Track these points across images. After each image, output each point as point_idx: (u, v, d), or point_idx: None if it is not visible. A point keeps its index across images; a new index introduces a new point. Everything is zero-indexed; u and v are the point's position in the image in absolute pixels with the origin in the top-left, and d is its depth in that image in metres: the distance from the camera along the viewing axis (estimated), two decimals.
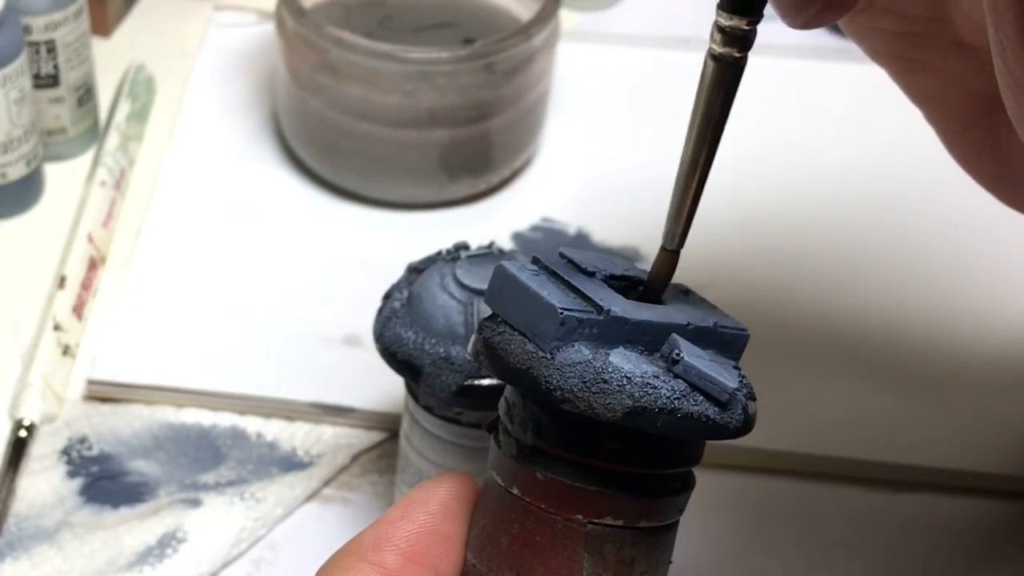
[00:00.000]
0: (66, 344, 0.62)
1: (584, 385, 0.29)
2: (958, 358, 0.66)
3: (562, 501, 0.31)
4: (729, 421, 0.30)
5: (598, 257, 0.33)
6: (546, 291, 0.30)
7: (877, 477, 0.61)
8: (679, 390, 0.30)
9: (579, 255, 0.33)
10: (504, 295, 0.31)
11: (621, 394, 0.29)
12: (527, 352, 0.30)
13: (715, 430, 0.30)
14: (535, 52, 0.69)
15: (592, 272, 0.32)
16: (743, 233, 0.72)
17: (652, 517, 0.31)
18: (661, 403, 0.30)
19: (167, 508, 0.57)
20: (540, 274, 0.31)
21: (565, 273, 0.32)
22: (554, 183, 0.75)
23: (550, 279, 0.31)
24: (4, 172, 0.68)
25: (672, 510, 0.32)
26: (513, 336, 0.31)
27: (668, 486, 0.32)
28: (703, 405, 0.30)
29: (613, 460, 0.31)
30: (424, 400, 0.51)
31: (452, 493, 0.33)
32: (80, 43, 0.71)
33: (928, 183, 0.76)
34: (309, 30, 0.68)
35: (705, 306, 0.33)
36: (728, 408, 0.30)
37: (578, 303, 0.30)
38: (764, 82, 0.83)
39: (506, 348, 0.31)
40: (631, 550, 0.31)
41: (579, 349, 0.30)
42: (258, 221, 0.71)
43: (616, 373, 0.30)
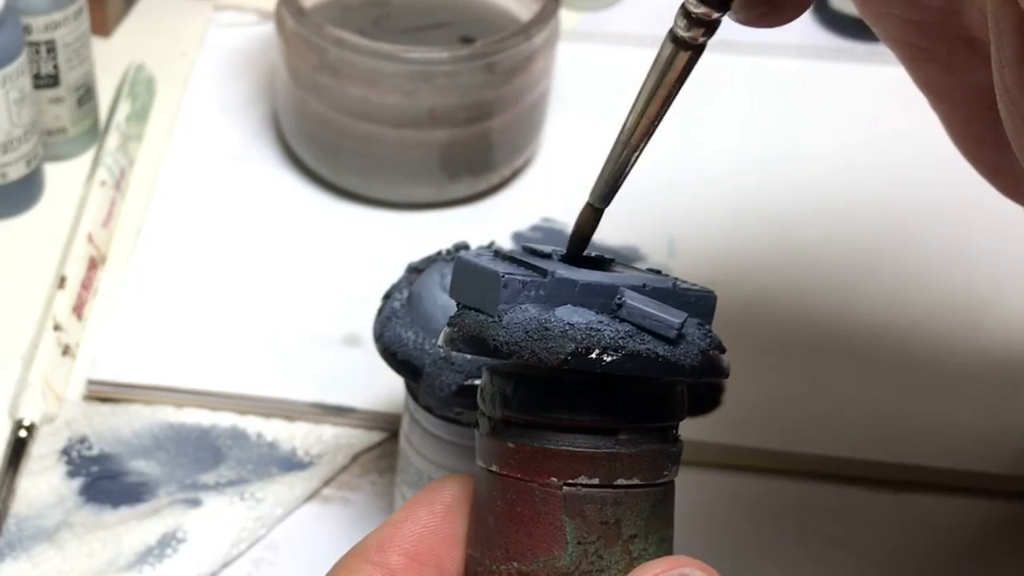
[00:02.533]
0: (66, 344, 0.62)
1: (527, 335, 0.30)
2: (959, 358, 0.66)
3: (535, 466, 0.31)
4: (682, 359, 0.30)
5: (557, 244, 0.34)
6: (493, 265, 0.32)
7: (877, 477, 0.61)
8: (624, 331, 0.30)
9: (535, 243, 0.34)
10: (461, 282, 0.33)
11: (563, 338, 0.30)
12: (478, 320, 0.31)
13: (667, 367, 0.30)
14: (535, 52, 0.69)
15: (548, 254, 0.33)
16: (743, 232, 0.72)
17: (630, 474, 0.31)
18: (605, 343, 0.30)
19: (167, 508, 0.57)
20: (495, 258, 0.33)
21: (520, 255, 0.33)
22: (554, 183, 0.75)
23: (502, 260, 0.32)
24: (4, 172, 0.68)
25: (653, 467, 0.32)
26: (469, 314, 0.32)
27: (643, 441, 0.32)
28: (651, 343, 0.30)
29: (578, 415, 0.31)
30: (424, 400, 0.51)
31: (455, 494, 0.33)
32: (80, 43, 0.71)
33: (928, 182, 0.76)
34: (309, 30, 0.68)
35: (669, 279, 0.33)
36: (678, 344, 0.30)
37: (525, 273, 0.31)
38: (764, 82, 0.83)
39: (462, 324, 0.32)
40: (614, 510, 0.31)
41: (526, 309, 0.31)
42: (258, 221, 0.71)
43: (559, 322, 0.30)
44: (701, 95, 0.81)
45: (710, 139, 0.78)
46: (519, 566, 0.31)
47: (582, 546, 0.31)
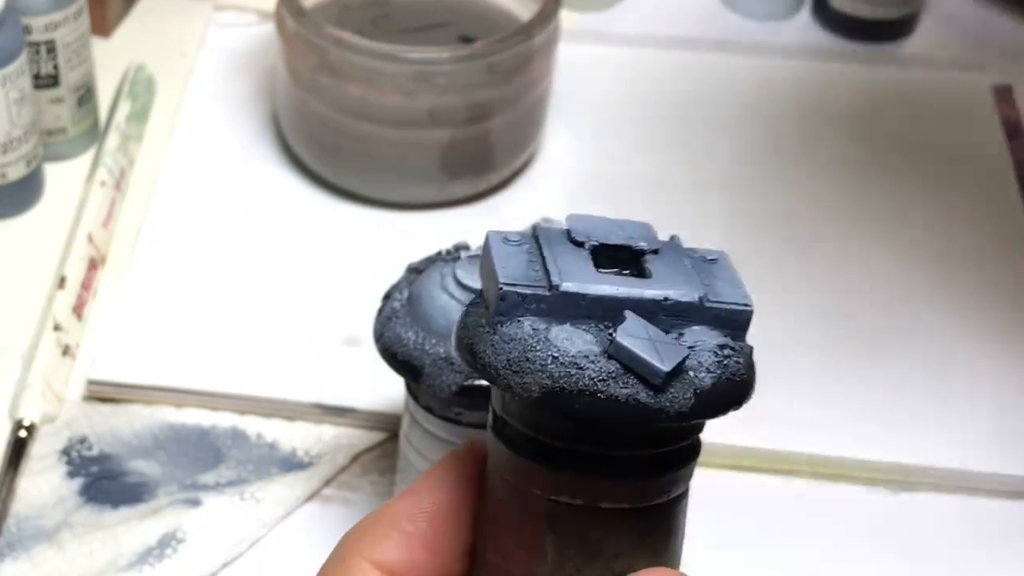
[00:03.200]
0: (66, 344, 0.62)
1: (508, 363, 0.29)
2: (959, 358, 0.66)
3: (523, 475, 0.30)
4: (667, 405, 0.28)
5: (607, 224, 0.32)
6: (504, 263, 0.30)
7: (877, 477, 0.61)
8: (608, 371, 0.28)
9: (582, 222, 0.31)
10: (482, 264, 0.31)
11: (540, 373, 0.28)
12: (477, 325, 0.30)
13: (647, 414, 0.28)
14: (535, 52, 0.69)
15: (581, 242, 0.31)
16: (743, 232, 0.72)
17: (618, 499, 0.30)
18: (582, 384, 0.28)
19: (167, 508, 0.57)
20: (521, 244, 0.31)
21: (548, 243, 0.31)
22: (554, 183, 0.75)
23: (528, 250, 0.31)
24: (4, 172, 0.68)
25: (645, 492, 0.30)
26: (479, 308, 0.31)
27: (633, 468, 0.30)
28: (633, 387, 0.28)
29: (563, 438, 0.30)
30: (424, 400, 0.51)
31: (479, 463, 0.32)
32: (80, 43, 0.71)
33: (929, 182, 0.76)
34: (309, 30, 0.68)
35: (718, 277, 0.31)
36: (664, 391, 0.28)
37: (533, 277, 0.29)
38: (764, 82, 0.83)
39: (467, 320, 0.31)
40: (597, 531, 0.30)
41: (522, 325, 0.29)
42: (258, 221, 0.71)
43: (544, 352, 0.29)
44: (702, 96, 0.82)
45: (710, 138, 0.78)
46: (504, 563, 0.31)
47: (560, 559, 0.30)
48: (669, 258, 0.31)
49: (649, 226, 0.32)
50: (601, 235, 0.31)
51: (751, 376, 0.30)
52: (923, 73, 0.84)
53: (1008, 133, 0.80)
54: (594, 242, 0.31)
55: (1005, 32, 0.88)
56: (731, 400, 0.30)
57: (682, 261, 0.31)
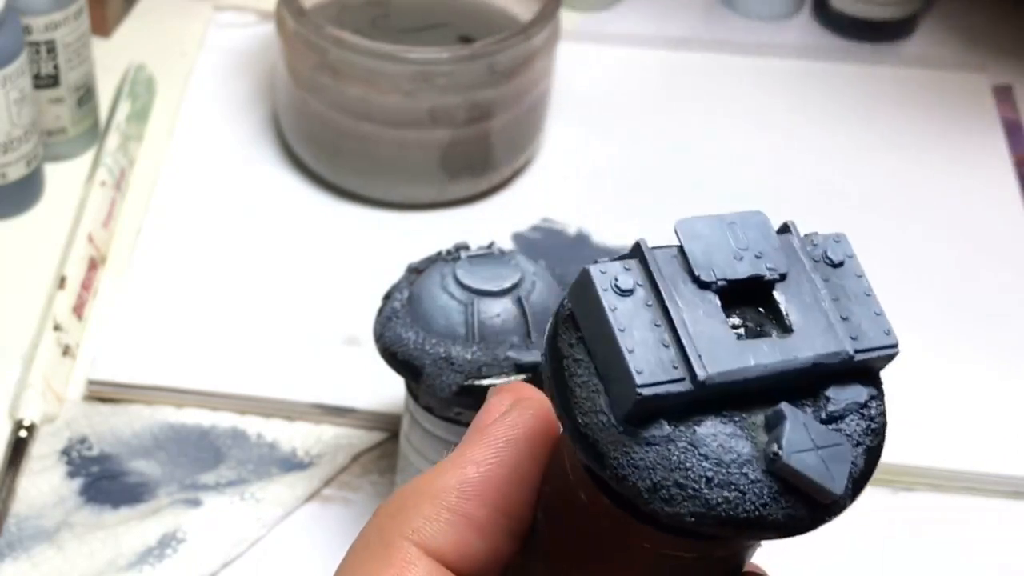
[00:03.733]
0: (66, 344, 0.62)
1: (654, 486, 0.25)
2: (958, 358, 0.66)
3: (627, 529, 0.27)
4: (827, 516, 0.26)
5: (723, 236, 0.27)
6: (630, 341, 0.25)
7: (877, 477, 0.61)
8: (769, 491, 0.25)
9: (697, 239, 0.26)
10: (587, 312, 0.26)
11: (695, 500, 0.24)
12: (597, 410, 0.25)
13: (808, 528, 0.26)
14: (535, 52, 0.69)
15: (707, 283, 0.26)
16: None
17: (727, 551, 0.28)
18: (744, 511, 0.25)
19: (167, 508, 0.57)
20: (635, 291, 0.25)
21: (668, 286, 0.26)
22: (554, 183, 0.75)
23: (645, 301, 0.25)
24: (4, 172, 0.68)
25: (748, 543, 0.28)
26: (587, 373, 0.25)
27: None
28: (796, 508, 0.25)
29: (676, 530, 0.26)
30: (424, 400, 0.51)
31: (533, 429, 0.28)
32: (80, 43, 0.71)
33: (929, 181, 0.76)
34: (309, 30, 0.68)
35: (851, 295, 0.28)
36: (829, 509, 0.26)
37: (667, 360, 0.25)
38: (764, 82, 0.83)
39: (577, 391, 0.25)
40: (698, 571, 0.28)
41: (660, 425, 0.25)
42: (258, 221, 0.71)
43: (695, 470, 0.24)
44: (702, 96, 0.82)
45: (710, 139, 0.78)
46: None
47: None
48: (799, 283, 0.27)
49: (766, 221, 0.28)
50: (725, 263, 0.26)
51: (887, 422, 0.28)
52: (923, 73, 0.84)
53: (1008, 133, 0.80)
54: (722, 282, 0.26)
55: (1005, 32, 0.88)
56: (875, 467, 0.27)
57: (814, 284, 0.27)
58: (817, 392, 0.26)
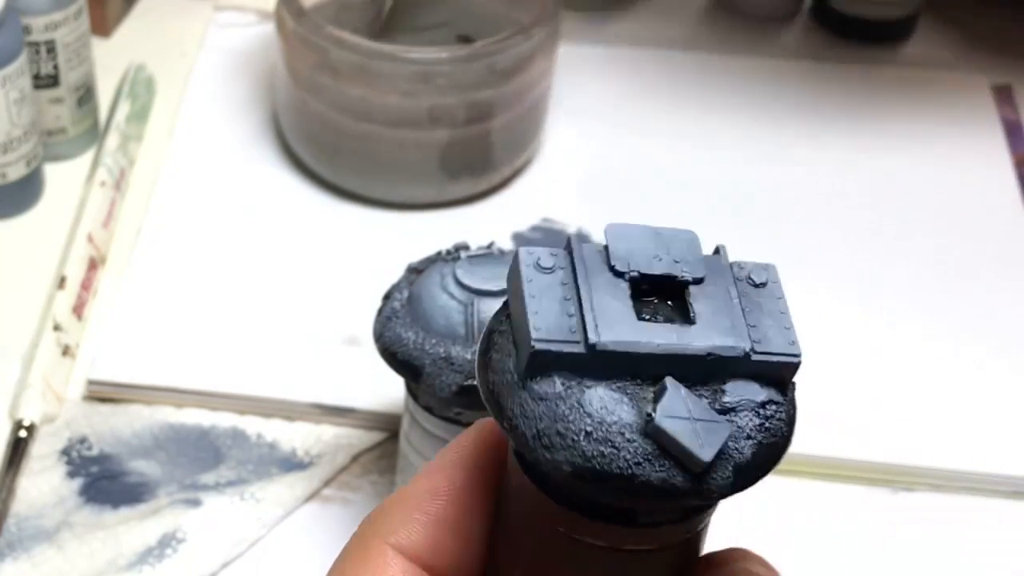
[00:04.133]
0: (66, 344, 0.62)
1: (538, 433, 0.27)
2: (959, 358, 0.66)
3: (545, 511, 0.29)
4: (705, 488, 0.27)
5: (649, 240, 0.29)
6: (536, 306, 0.27)
7: (877, 477, 0.61)
8: (643, 452, 0.26)
9: (622, 238, 0.29)
10: (512, 287, 0.28)
11: (572, 451, 0.26)
12: (505, 371, 0.28)
13: (683, 497, 0.27)
14: (535, 52, 0.69)
15: (621, 272, 0.28)
16: (743, 232, 0.72)
17: (640, 543, 0.29)
18: (616, 467, 0.26)
19: (167, 508, 0.57)
20: (554, 270, 0.28)
21: (585, 272, 0.28)
22: (554, 183, 0.75)
23: (561, 280, 0.28)
24: (4, 172, 0.68)
25: (671, 536, 0.29)
26: (507, 341, 0.28)
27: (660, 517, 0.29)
28: (670, 472, 0.26)
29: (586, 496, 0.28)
30: (424, 400, 0.51)
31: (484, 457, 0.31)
32: (80, 43, 0.71)
33: (929, 181, 0.76)
34: (309, 30, 0.68)
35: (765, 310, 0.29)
36: (704, 476, 0.27)
37: (567, 326, 0.27)
38: (764, 82, 0.83)
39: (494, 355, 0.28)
40: (619, 568, 0.29)
41: (553, 382, 0.27)
42: (258, 221, 0.71)
43: (577, 423, 0.26)
44: (702, 96, 0.82)
45: (710, 139, 0.78)
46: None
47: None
48: (715, 290, 0.29)
49: (694, 238, 0.29)
50: (643, 260, 0.28)
51: (791, 429, 0.29)
52: (923, 73, 0.84)
53: (1008, 133, 0.80)
54: (635, 273, 0.28)
55: (1005, 32, 0.88)
56: (769, 466, 0.28)
57: (728, 293, 0.29)
58: (714, 386, 0.28)
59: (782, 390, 0.29)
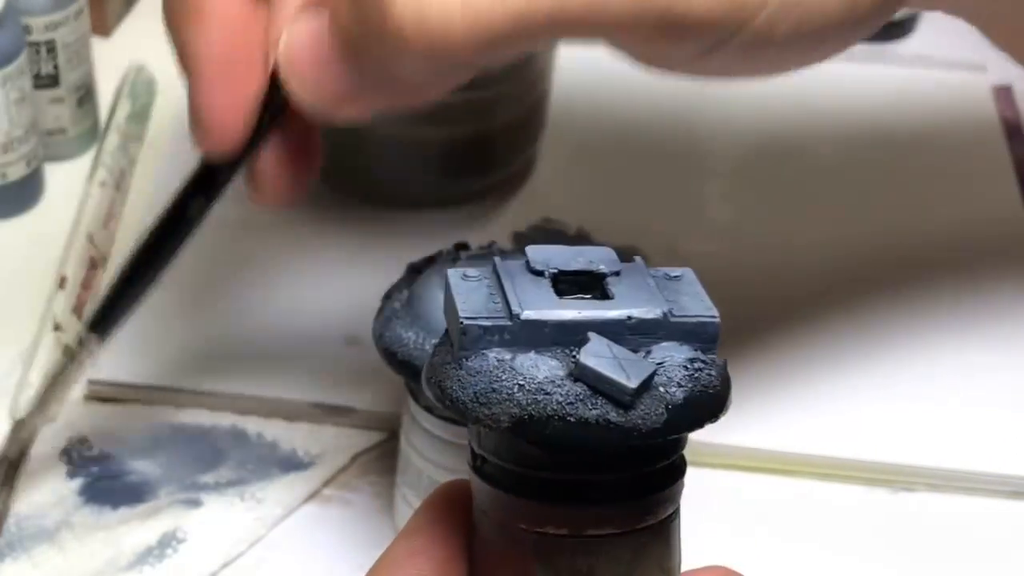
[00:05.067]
0: (66, 345, 0.62)
1: (475, 395, 0.29)
2: (959, 358, 0.66)
3: (505, 511, 0.30)
4: (639, 423, 0.28)
5: (568, 252, 0.32)
6: (464, 298, 0.30)
7: (877, 477, 0.61)
8: (575, 394, 0.28)
9: (541, 252, 0.31)
10: (445, 303, 0.31)
11: (508, 403, 0.28)
12: (444, 363, 0.30)
13: (619, 433, 0.28)
14: (535, 52, 0.69)
15: (540, 271, 0.31)
16: (742, 232, 0.72)
17: (602, 525, 0.30)
18: (550, 410, 0.28)
19: (167, 508, 0.57)
20: (480, 279, 0.30)
21: (507, 275, 0.30)
22: (554, 183, 0.75)
23: (487, 285, 0.30)
24: (4, 172, 0.68)
25: (631, 515, 0.30)
26: (445, 347, 0.30)
27: (614, 492, 0.30)
28: (603, 408, 0.28)
29: (540, 468, 0.29)
30: (424, 400, 0.51)
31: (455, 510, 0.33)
32: (80, 43, 0.71)
33: (929, 182, 0.76)
34: None
35: (682, 292, 0.31)
36: (634, 407, 0.28)
37: (493, 309, 0.29)
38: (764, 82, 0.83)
39: (434, 359, 0.30)
40: (585, 559, 0.30)
41: (486, 357, 0.29)
42: (258, 221, 0.71)
43: (509, 381, 0.28)
44: (702, 96, 0.82)
45: (710, 139, 0.78)
46: None
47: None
48: (632, 279, 0.31)
49: (611, 251, 0.32)
50: (561, 263, 0.31)
51: (726, 388, 0.30)
52: (923, 73, 0.84)
53: (1008, 133, 0.80)
54: (553, 269, 0.31)
55: None
56: (705, 413, 0.29)
57: (645, 281, 0.31)
58: (638, 348, 0.29)
59: (708, 351, 0.30)
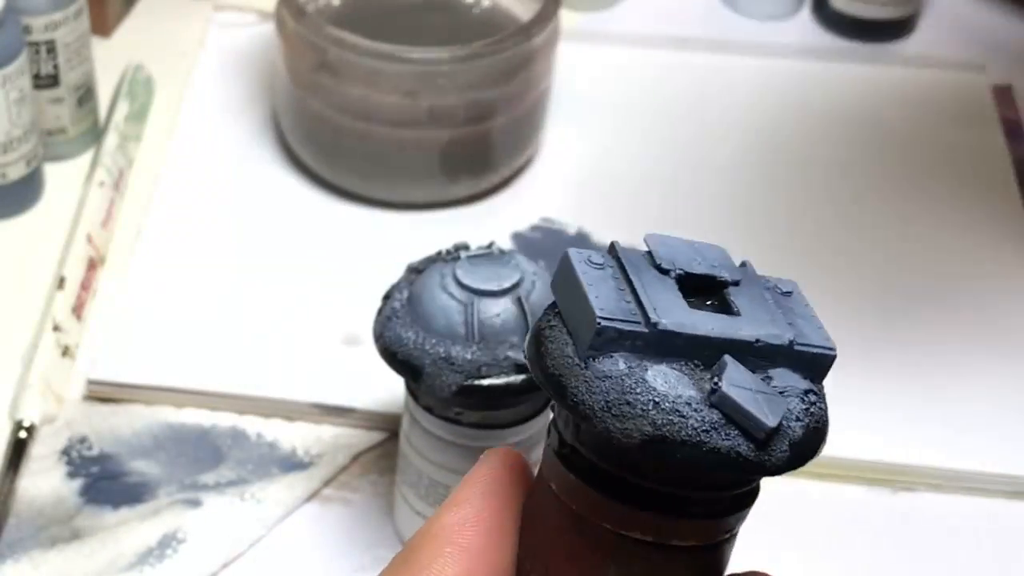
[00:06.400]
0: (65, 345, 0.62)
1: (606, 405, 0.28)
2: (959, 358, 0.66)
3: (591, 506, 0.30)
4: (766, 459, 0.28)
5: (686, 248, 0.31)
6: (595, 292, 0.28)
7: (877, 477, 0.61)
8: (711, 421, 0.27)
9: (663, 245, 0.30)
10: (563, 285, 0.29)
11: (643, 419, 0.27)
12: (564, 356, 0.29)
13: (747, 468, 0.28)
14: (535, 52, 0.69)
15: (667, 270, 0.30)
16: (743, 232, 0.72)
17: (687, 536, 0.30)
18: (685, 434, 0.27)
19: (167, 508, 0.57)
20: (605, 267, 0.29)
21: (634, 268, 0.29)
22: (554, 183, 0.75)
23: (613, 275, 0.29)
24: (4, 172, 0.68)
25: (715, 530, 0.30)
26: (560, 333, 0.29)
27: (708, 507, 0.30)
28: (735, 440, 0.27)
29: (643, 477, 0.29)
30: (424, 400, 0.51)
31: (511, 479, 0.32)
32: (80, 43, 0.71)
33: (929, 182, 0.76)
34: (309, 30, 0.68)
35: (797, 313, 0.30)
36: (766, 446, 0.28)
37: (627, 310, 0.28)
38: (764, 82, 0.83)
39: (549, 345, 0.29)
40: (662, 566, 0.30)
41: (616, 361, 0.28)
42: (258, 221, 0.71)
43: (644, 395, 0.27)
44: (702, 96, 0.82)
45: (710, 139, 0.78)
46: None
47: None
48: (751, 291, 0.30)
49: (725, 251, 0.31)
50: (684, 262, 0.30)
51: (828, 424, 0.30)
52: (923, 73, 0.84)
53: (1008, 133, 0.80)
54: (680, 271, 0.30)
55: (1005, 32, 0.88)
56: (816, 449, 0.29)
57: (763, 296, 0.30)
58: (761, 373, 0.29)
59: (819, 384, 0.30)
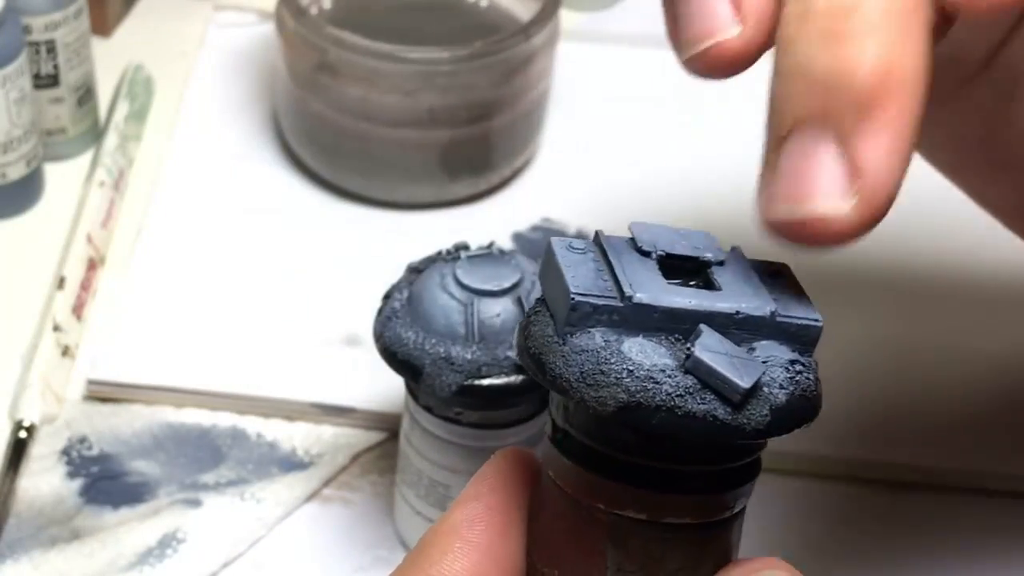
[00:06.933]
0: (65, 345, 0.62)
1: (581, 375, 0.28)
2: (959, 358, 0.66)
3: (585, 488, 0.30)
4: (744, 422, 0.28)
5: (669, 232, 0.31)
6: (572, 272, 0.29)
7: (877, 477, 0.61)
8: (685, 386, 0.28)
9: (646, 231, 0.31)
10: (545, 271, 0.30)
11: (616, 387, 0.28)
12: (545, 335, 0.29)
13: (725, 431, 0.28)
14: (535, 52, 0.69)
15: (648, 252, 0.30)
16: (743, 233, 0.72)
17: (681, 514, 0.30)
18: (659, 400, 0.27)
19: (167, 508, 0.57)
20: (586, 252, 0.30)
21: (614, 251, 0.30)
22: (554, 183, 0.75)
23: (593, 258, 0.30)
24: (4, 172, 0.68)
25: (710, 507, 0.30)
26: (544, 317, 0.30)
27: (699, 482, 0.30)
28: (711, 404, 0.28)
29: (632, 453, 0.29)
30: (424, 400, 0.51)
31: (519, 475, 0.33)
32: (80, 43, 0.71)
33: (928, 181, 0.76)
34: (309, 30, 0.68)
35: (784, 290, 0.31)
36: (742, 408, 0.28)
37: (603, 287, 0.29)
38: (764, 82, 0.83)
39: (532, 329, 0.30)
40: (659, 546, 0.30)
41: (593, 336, 0.28)
42: (258, 221, 0.71)
43: (619, 365, 0.28)
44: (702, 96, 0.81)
45: (711, 138, 0.78)
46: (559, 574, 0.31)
47: (620, 573, 0.30)
48: (735, 270, 0.31)
49: (712, 236, 0.32)
50: (666, 244, 0.31)
51: (820, 392, 0.30)
52: None
53: None
54: (661, 252, 0.30)
55: None
56: (804, 417, 0.29)
57: (748, 274, 0.31)
58: (744, 345, 0.29)
59: (806, 354, 0.30)
